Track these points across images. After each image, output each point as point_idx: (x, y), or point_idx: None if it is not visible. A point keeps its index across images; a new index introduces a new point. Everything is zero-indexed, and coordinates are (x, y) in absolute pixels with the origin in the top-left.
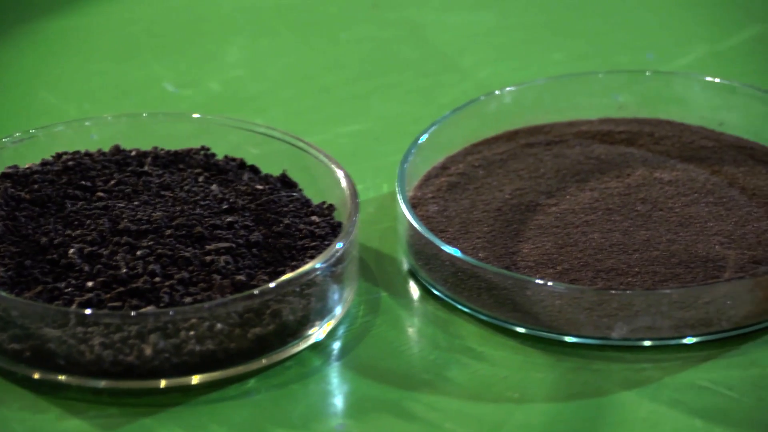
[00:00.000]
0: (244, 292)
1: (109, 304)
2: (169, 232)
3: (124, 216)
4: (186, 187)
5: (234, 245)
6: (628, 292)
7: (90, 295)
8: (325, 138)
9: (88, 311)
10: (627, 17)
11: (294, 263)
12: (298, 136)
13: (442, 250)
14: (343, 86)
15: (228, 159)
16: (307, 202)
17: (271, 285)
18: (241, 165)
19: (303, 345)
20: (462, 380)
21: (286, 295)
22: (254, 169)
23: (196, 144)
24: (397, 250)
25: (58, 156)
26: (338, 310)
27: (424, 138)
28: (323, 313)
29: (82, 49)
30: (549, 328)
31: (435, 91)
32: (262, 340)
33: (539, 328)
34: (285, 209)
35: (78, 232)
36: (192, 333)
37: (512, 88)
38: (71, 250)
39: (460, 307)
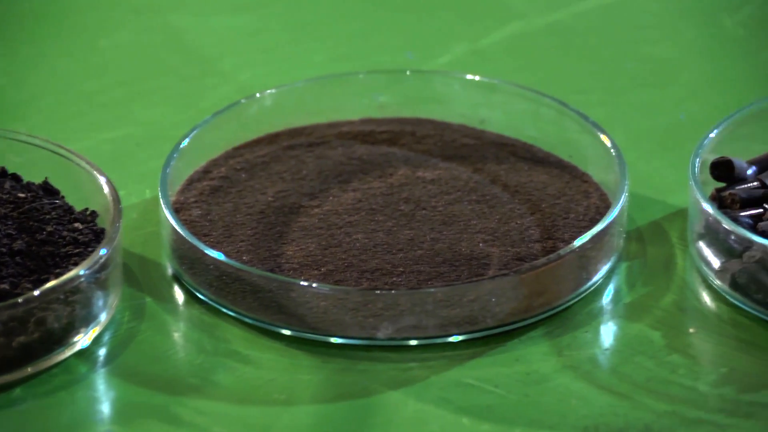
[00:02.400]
0: (7, 301)
1: None
2: None
3: None
4: None
5: None
6: (392, 291)
7: None
8: (86, 145)
9: None
10: (386, 17)
11: (58, 270)
12: (59, 144)
13: (205, 254)
14: (103, 92)
15: None
16: (69, 209)
17: (35, 293)
18: (3, 173)
19: (69, 352)
20: (229, 384)
21: (50, 303)
22: (16, 177)
23: None
24: (161, 255)
25: None
26: (103, 317)
27: (185, 142)
28: (88, 320)
29: None
30: (315, 329)
31: (196, 95)
32: (27, 349)
33: (305, 329)
34: (48, 217)
35: None
36: None
37: (273, 91)
38: None
39: (225, 310)
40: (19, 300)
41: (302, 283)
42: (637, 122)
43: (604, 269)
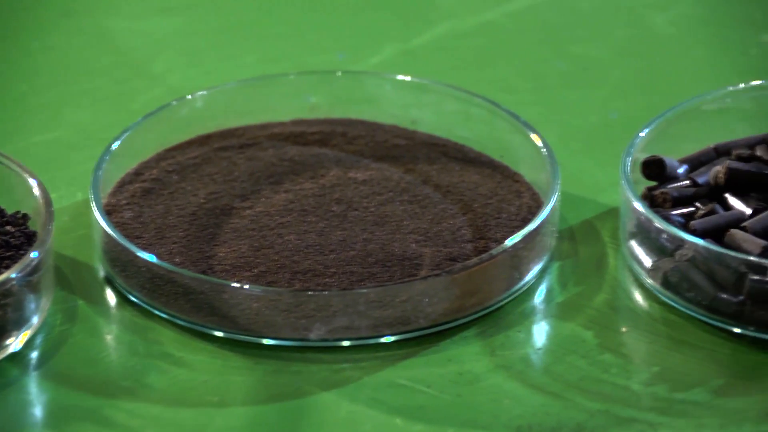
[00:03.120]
0: None
1: None
2: None
3: None
4: None
5: None
6: (325, 292)
7: None
8: (18, 147)
9: None
10: (317, 18)
11: None
12: None
13: (137, 257)
14: (35, 95)
15: None
16: (1, 212)
17: None
18: None
19: (0, 356)
20: (161, 386)
21: None
22: None
23: None
24: (93, 258)
25: None
26: (35, 320)
27: (116, 145)
28: (20, 323)
29: None
30: (247, 331)
31: (126, 98)
32: None
33: (237, 331)
34: None
35: None
36: None
37: (204, 93)
38: None
39: (157, 312)
40: None
41: (234, 284)
42: (568, 121)
43: (537, 269)
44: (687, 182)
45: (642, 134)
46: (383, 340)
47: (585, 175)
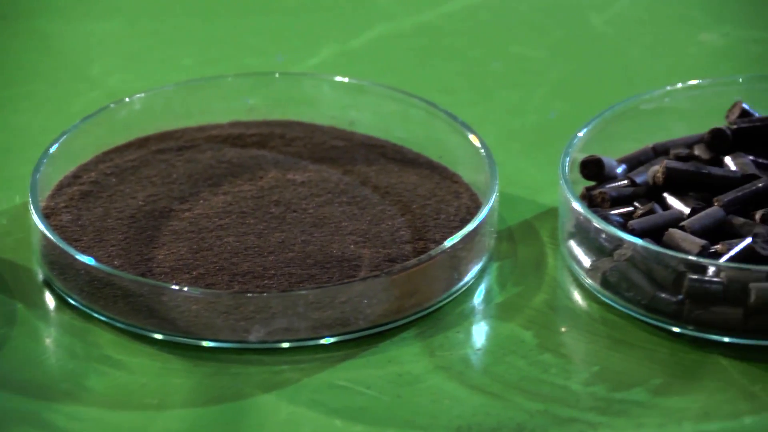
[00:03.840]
0: None
1: None
2: None
3: None
4: None
5: None
6: (264, 294)
7: None
8: None
9: None
10: (254, 20)
11: None
12: None
13: (76, 260)
14: None
15: None
16: None
17: None
18: None
19: None
20: (101, 389)
21: None
22: None
23: None
24: (31, 261)
25: None
26: None
27: (54, 147)
28: None
29: None
30: (186, 333)
31: (65, 101)
32: None
33: (177, 333)
34: None
35: None
36: None
37: (142, 95)
38: None
39: (96, 315)
40: None
41: (173, 287)
42: (506, 122)
43: (476, 269)
44: (625, 182)
45: (580, 134)
46: (323, 341)
47: (524, 176)
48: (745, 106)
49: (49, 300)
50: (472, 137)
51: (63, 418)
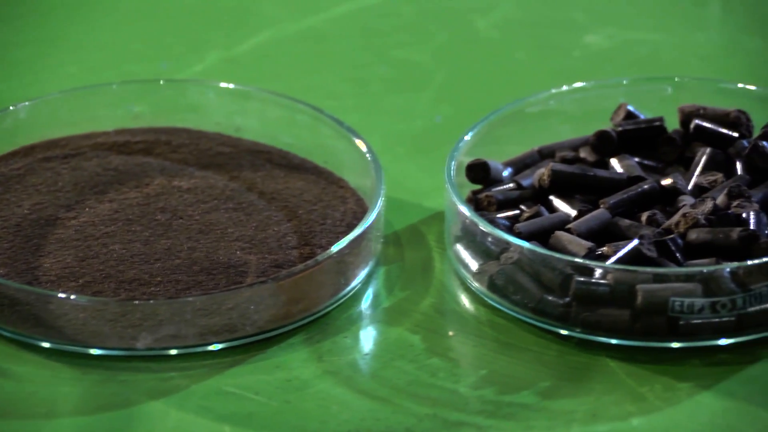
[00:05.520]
0: None
1: None
2: None
3: None
4: None
5: None
6: (151, 301)
7: None
8: None
9: None
10: (139, 27)
11: None
12: None
13: None
14: None
15: None
16: None
17: None
18: None
19: None
20: None
21: None
22: None
23: None
24: None
25: None
26: None
27: None
28: None
29: None
30: (74, 341)
31: None
32: None
33: (64, 341)
34: None
35: None
36: None
37: (26, 103)
38: None
39: None
40: None
41: (60, 295)
42: (392, 126)
43: (363, 274)
44: (511, 185)
45: (466, 138)
46: (210, 347)
47: (410, 180)
48: (630, 108)
49: None
50: (358, 142)
51: None
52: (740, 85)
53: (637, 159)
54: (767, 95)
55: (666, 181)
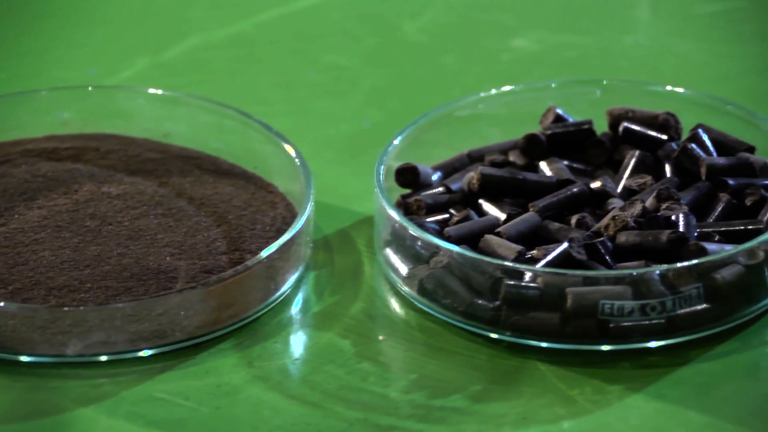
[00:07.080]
0: None
1: None
2: None
3: None
4: None
5: None
6: (80, 308)
7: None
8: None
9: None
10: (67, 33)
11: None
12: None
13: None
14: None
15: None
16: None
17: None
18: None
19: None
20: None
21: None
22: None
23: None
24: None
25: None
26: None
27: None
28: None
29: None
30: (3, 348)
31: None
32: None
33: None
34: None
35: None
36: None
37: None
38: None
39: None
40: None
41: None
42: (320, 131)
43: (292, 279)
44: (441, 189)
45: (395, 142)
46: (140, 353)
47: (339, 185)
48: (558, 111)
49: None
50: (287, 147)
51: None
52: (669, 88)
53: (566, 162)
54: (696, 98)
55: (595, 184)
